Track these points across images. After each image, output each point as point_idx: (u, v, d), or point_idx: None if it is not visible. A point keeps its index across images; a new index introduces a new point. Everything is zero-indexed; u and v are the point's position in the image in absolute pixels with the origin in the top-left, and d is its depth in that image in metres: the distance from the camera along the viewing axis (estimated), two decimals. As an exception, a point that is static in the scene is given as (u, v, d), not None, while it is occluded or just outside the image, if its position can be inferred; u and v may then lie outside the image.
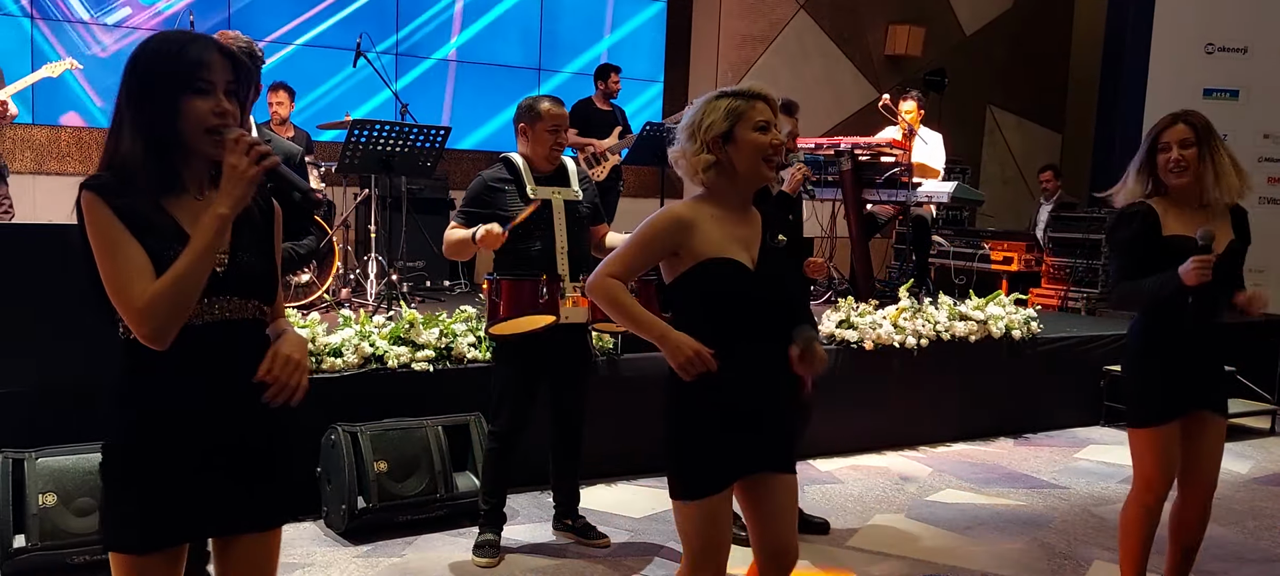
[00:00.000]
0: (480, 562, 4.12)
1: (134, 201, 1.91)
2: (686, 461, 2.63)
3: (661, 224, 2.62)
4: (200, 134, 1.95)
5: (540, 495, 4.80)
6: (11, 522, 3.82)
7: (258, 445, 2.05)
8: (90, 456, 3.93)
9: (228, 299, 2.00)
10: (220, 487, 2.00)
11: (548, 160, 4.16)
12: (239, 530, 2.07)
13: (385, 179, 6.70)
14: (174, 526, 1.99)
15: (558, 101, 4.19)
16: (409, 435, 4.55)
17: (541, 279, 3.93)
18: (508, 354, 4.13)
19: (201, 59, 1.94)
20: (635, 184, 9.79)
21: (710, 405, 2.59)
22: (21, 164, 7.79)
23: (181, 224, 1.96)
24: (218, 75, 1.95)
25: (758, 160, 2.60)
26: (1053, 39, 13.27)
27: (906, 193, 7.65)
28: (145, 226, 1.91)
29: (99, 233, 1.90)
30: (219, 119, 1.94)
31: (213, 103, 1.94)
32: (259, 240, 2.08)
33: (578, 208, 4.20)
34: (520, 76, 10.08)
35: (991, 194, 12.14)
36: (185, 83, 1.93)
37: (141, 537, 1.96)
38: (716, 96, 2.64)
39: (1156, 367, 3.38)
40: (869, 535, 4.71)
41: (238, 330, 2.01)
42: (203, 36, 2.01)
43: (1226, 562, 4.50)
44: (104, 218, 1.90)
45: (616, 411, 5.16)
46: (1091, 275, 8.81)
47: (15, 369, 4.03)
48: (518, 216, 4.01)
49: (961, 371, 6.51)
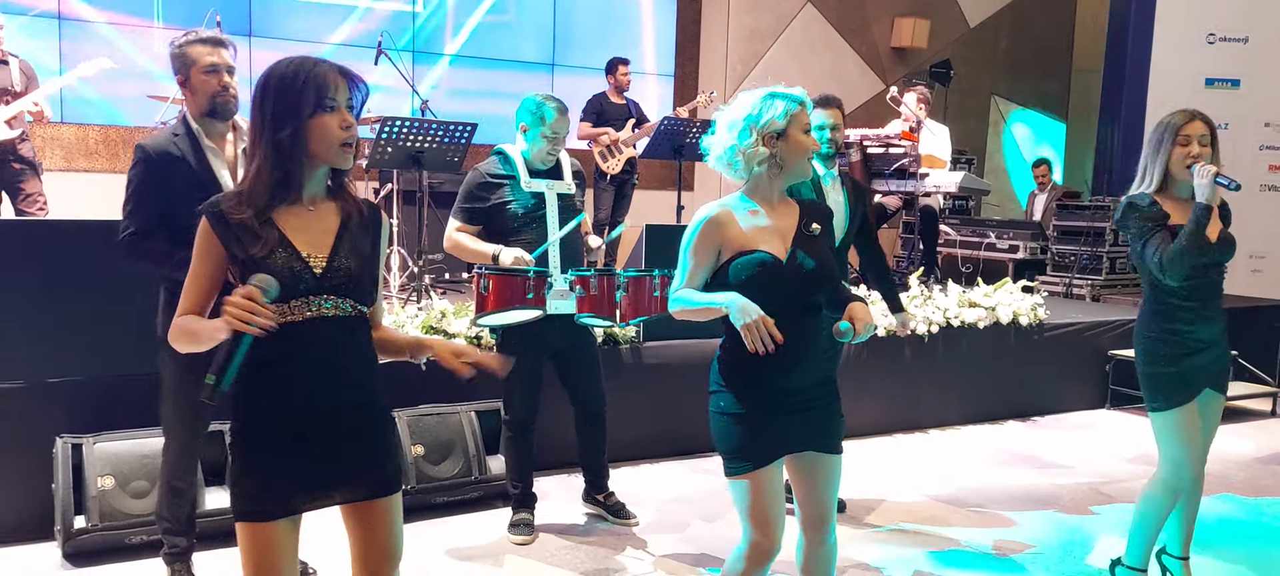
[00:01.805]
0: (516, 540, 4.34)
1: (245, 217, 2.18)
2: (734, 437, 2.82)
3: (700, 230, 2.82)
4: (332, 147, 2.21)
5: (569, 477, 5.00)
6: (73, 504, 4.02)
7: (355, 427, 2.29)
8: (144, 441, 4.14)
9: (324, 298, 2.23)
10: (326, 463, 2.26)
11: (544, 159, 4.33)
12: (355, 498, 2.32)
13: (407, 174, 6.90)
14: (288, 497, 2.24)
15: (563, 111, 4.33)
16: (444, 420, 4.75)
17: (528, 276, 4.06)
18: (511, 344, 4.28)
19: (327, 79, 2.19)
20: (649, 177, 9.96)
21: (757, 384, 2.79)
22: (52, 161, 7.98)
23: (286, 232, 2.22)
24: (341, 94, 2.20)
25: (805, 159, 2.82)
26: (1056, 29, 13.43)
27: (915, 183, 7.83)
28: (252, 238, 2.19)
29: (195, 251, 2.25)
30: (347, 131, 2.20)
31: (339, 118, 2.20)
32: (358, 247, 2.30)
33: (570, 200, 4.38)
34: (534, 71, 10.27)
35: (997, 184, 12.34)
36: (316, 103, 2.17)
37: (260, 508, 2.22)
38: (768, 95, 2.83)
39: (1177, 353, 3.53)
40: (885, 512, 4.91)
41: (335, 326, 2.23)
42: (325, 61, 2.24)
43: (1231, 537, 4.70)
44: (201, 241, 2.23)
45: (642, 397, 5.36)
46: (1096, 262, 9.00)
47: (73, 359, 4.22)
48: (561, 233, 4.19)
49: (971, 357, 6.70)
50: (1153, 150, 3.54)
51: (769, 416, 2.79)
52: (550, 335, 4.26)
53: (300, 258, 2.21)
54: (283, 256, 2.19)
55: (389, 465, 2.38)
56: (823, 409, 2.89)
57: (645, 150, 8.17)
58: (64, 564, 3.97)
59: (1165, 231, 3.44)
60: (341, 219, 2.30)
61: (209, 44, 3.43)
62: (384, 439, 2.37)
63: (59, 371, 4.23)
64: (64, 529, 3.98)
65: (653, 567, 4.16)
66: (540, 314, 4.10)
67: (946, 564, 4.29)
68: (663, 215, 8.78)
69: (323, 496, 2.30)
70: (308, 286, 2.21)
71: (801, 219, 2.87)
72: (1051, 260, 9.40)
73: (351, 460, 2.30)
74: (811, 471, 2.89)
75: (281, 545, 2.24)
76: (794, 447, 2.85)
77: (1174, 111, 3.56)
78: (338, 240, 2.27)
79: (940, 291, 6.93)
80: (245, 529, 2.23)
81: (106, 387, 4.25)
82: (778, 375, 2.79)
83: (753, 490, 2.80)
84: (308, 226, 2.25)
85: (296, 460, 2.23)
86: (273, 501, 2.23)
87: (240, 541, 2.25)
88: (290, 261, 2.20)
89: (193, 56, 3.40)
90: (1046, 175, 11.07)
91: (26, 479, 4.14)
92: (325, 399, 2.24)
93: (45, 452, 4.11)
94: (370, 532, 2.35)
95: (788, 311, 2.74)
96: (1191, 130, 3.47)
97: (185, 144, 3.41)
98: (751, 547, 2.84)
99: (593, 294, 4.17)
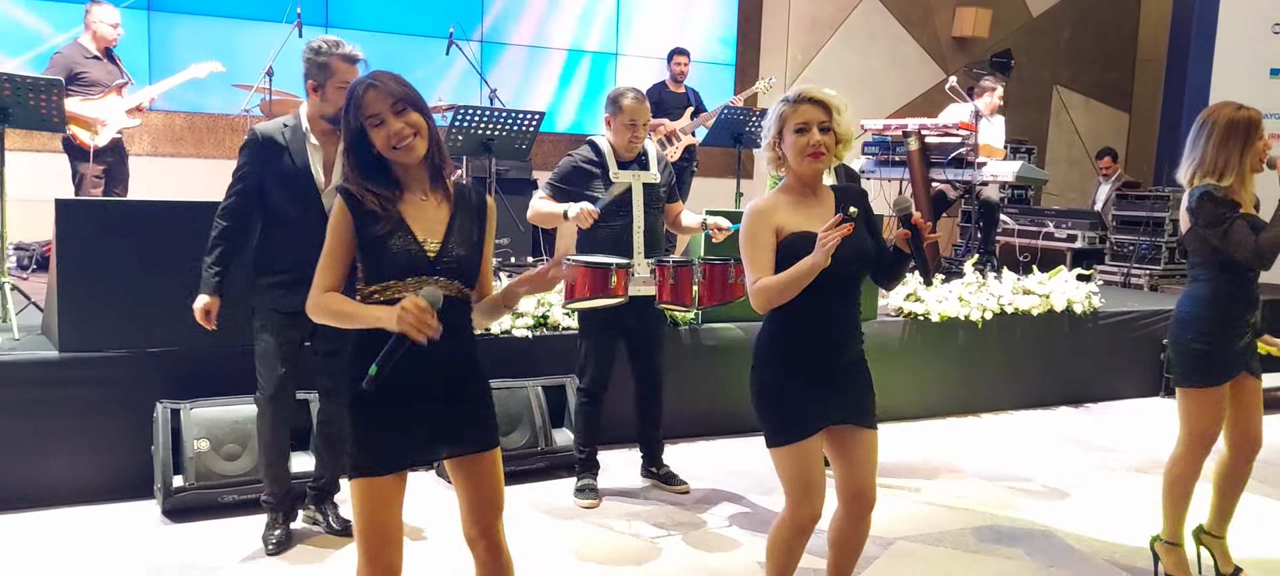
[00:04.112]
0: (583, 504, 4.63)
1: (373, 202, 2.47)
2: (776, 410, 3.02)
3: (752, 223, 3.02)
4: (389, 152, 2.49)
5: (628, 451, 5.23)
6: (171, 465, 4.34)
7: (457, 391, 2.56)
8: (235, 408, 4.45)
9: (435, 280, 2.49)
10: (435, 423, 2.53)
11: (628, 148, 4.59)
12: (461, 453, 2.59)
13: (476, 160, 7.17)
14: (396, 455, 2.50)
15: (640, 97, 4.64)
16: (513, 394, 5.02)
17: (612, 267, 4.34)
18: (590, 322, 4.63)
19: (364, 99, 2.47)
20: (709, 165, 10.14)
21: (797, 360, 2.99)
22: (140, 147, 8.39)
23: (406, 219, 2.50)
24: (383, 107, 2.46)
25: (800, 156, 2.98)
26: (1120, 19, 13.36)
27: (972, 172, 7.94)
28: (376, 220, 2.46)
29: (329, 228, 2.51)
30: (396, 138, 2.47)
31: (385, 132, 2.47)
32: (467, 235, 2.58)
33: (656, 190, 4.63)
34: (595, 60, 10.51)
35: (1057, 174, 12.33)
36: (365, 119, 2.47)
37: (376, 462, 2.48)
38: (779, 101, 3.05)
39: (1230, 331, 3.69)
40: (935, 488, 5.08)
41: (444, 305, 2.45)
42: (365, 79, 2.51)
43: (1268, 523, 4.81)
44: (336, 219, 2.49)
45: (698, 377, 5.59)
46: (1155, 253, 9.02)
47: (171, 330, 4.52)
48: (605, 198, 4.48)
49: (1024, 344, 6.81)
50: (1224, 143, 3.62)
51: (809, 390, 2.98)
52: (629, 316, 4.55)
53: (417, 241, 2.49)
54: (401, 239, 2.47)
55: (489, 423, 2.65)
56: (858, 385, 3.07)
57: (705, 138, 8.36)
58: (163, 520, 4.29)
59: (1243, 220, 3.59)
60: (452, 208, 2.57)
61: (349, 60, 3.76)
62: (484, 400, 2.64)
63: (158, 342, 4.55)
64: (164, 487, 4.29)
65: (712, 530, 4.41)
66: (623, 301, 4.39)
67: (992, 539, 4.46)
68: (722, 202, 8.96)
69: (429, 452, 2.59)
70: (422, 267, 2.48)
71: (839, 204, 3.06)
72: (1110, 249, 9.44)
73: (454, 421, 2.56)
74: (850, 446, 3.06)
75: (391, 497, 2.50)
76: (833, 420, 3.02)
77: (1235, 105, 3.66)
78: (449, 227, 2.55)
79: (996, 279, 7.05)
80: (360, 484, 2.48)
81: (201, 357, 4.56)
82: (817, 350, 2.99)
83: (795, 459, 2.98)
84: (424, 214, 2.53)
85: (406, 422, 2.49)
86: (384, 458, 2.48)
87: (355, 496, 2.50)
88: (407, 244, 2.47)
89: (334, 69, 3.74)
90: (1110, 166, 11.07)
91: (129, 441, 4.46)
92: (431, 366, 2.47)
93: (146, 417, 4.43)
94: (478, 482, 2.61)
95: (825, 289, 2.92)
96: (1264, 126, 3.65)
97: (291, 136, 3.80)
98: (793, 515, 3.03)
99: (671, 283, 4.45)
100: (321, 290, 2.51)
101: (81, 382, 4.43)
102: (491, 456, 2.62)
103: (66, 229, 4.46)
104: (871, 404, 3.10)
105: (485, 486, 2.62)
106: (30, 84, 5.29)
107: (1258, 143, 3.62)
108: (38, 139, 7.56)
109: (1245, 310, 3.71)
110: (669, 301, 4.49)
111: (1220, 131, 3.63)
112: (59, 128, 5.62)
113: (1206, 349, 3.71)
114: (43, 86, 5.33)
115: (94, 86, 6.79)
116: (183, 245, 4.40)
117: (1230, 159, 3.61)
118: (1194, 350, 3.73)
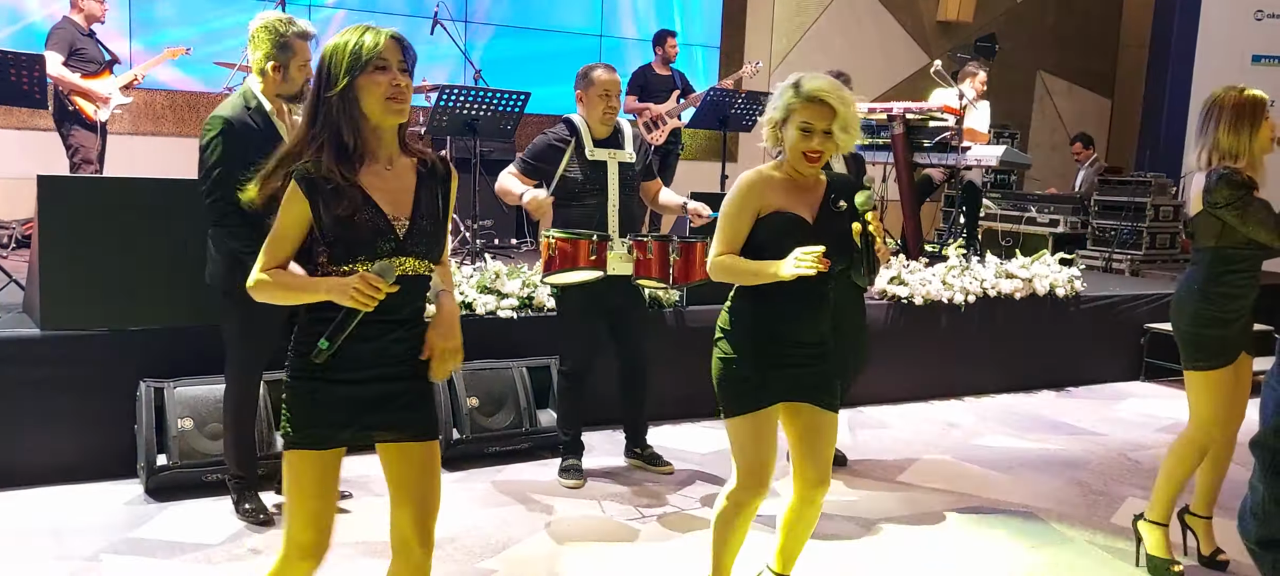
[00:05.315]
0: (567, 484, 4.64)
1: (330, 180, 2.33)
2: (732, 381, 3.03)
3: (739, 192, 3.02)
4: (379, 103, 2.36)
5: (613, 432, 5.24)
6: (155, 444, 4.32)
7: (406, 375, 2.47)
8: (219, 387, 4.40)
9: (404, 260, 2.38)
10: (375, 403, 2.43)
11: (603, 123, 4.58)
12: (399, 438, 2.48)
13: (461, 141, 7.14)
14: (334, 432, 2.42)
15: (610, 69, 4.64)
16: (497, 374, 5.02)
17: (592, 239, 4.35)
18: (570, 301, 4.62)
19: (379, 43, 2.36)
20: (695, 147, 10.13)
21: (760, 334, 3.00)
22: (120, 125, 8.30)
23: (368, 191, 2.37)
24: (392, 56, 2.37)
25: (798, 154, 2.97)
26: (1103, 5, 13.40)
27: (956, 156, 7.96)
28: (336, 198, 2.33)
29: (281, 208, 2.37)
30: (393, 87, 2.35)
31: (390, 77, 2.36)
32: (433, 207, 2.48)
33: (630, 169, 4.61)
34: (582, 42, 10.47)
35: (1040, 159, 12.37)
36: (366, 62, 2.34)
37: (309, 439, 2.40)
38: (791, 83, 3.00)
39: (1231, 317, 3.74)
40: (918, 470, 5.11)
41: (408, 282, 2.41)
42: (375, 27, 2.41)
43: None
44: (288, 200, 2.35)
45: (682, 358, 5.59)
46: (1136, 237, 9.08)
47: (153, 309, 4.51)
48: (551, 182, 4.51)
49: (1007, 327, 6.85)
50: (1234, 126, 3.66)
51: (768, 365, 2.99)
52: (608, 295, 4.54)
53: (384, 217, 2.37)
54: (367, 216, 2.35)
55: (432, 413, 2.55)
56: (821, 367, 3.05)
57: (691, 121, 8.35)
58: (146, 498, 4.28)
59: (1260, 203, 3.63)
60: (417, 175, 2.46)
61: (305, 37, 3.82)
62: (425, 390, 2.52)
63: (141, 320, 4.52)
64: (147, 466, 4.28)
65: (697, 505, 4.46)
66: (601, 275, 4.39)
67: (972, 519, 4.49)
68: (707, 184, 8.95)
69: (365, 432, 2.45)
70: (391, 247, 2.37)
71: (829, 192, 3.06)
72: (1092, 234, 9.49)
73: (396, 403, 2.45)
74: (809, 428, 3.06)
75: (327, 470, 2.44)
76: (790, 396, 3.02)
77: (1239, 89, 3.71)
78: (416, 199, 2.44)
79: (979, 263, 7.08)
80: (294, 456, 2.41)
81: (184, 336, 4.54)
82: (782, 326, 2.99)
83: (747, 433, 2.99)
84: (387, 185, 2.40)
85: (345, 399, 2.39)
86: (320, 434, 2.40)
87: (287, 468, 2.44)
88: (374, 220, 2.36)
89: (296, 48, 3.78)
90: (1082, 152, 11.08)
91: (112, 420, 4.44)
92: (383, 346, 2.40)
93: (128, 396, 4.41)
94: (417, 476, 2.48)
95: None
96: (1272, 112, 3.70)
97: (262, 120, 3.82)
98: (740, 489, 3.05)
99: (648, 258, 4.43)
100: (264, 268, 2.38)
101: (63, 361, 4.40)
102: (432, 448, 2.52)
103: (49, 206, 4.41)
104: (834, 387, 3.09)
105: (426, 480, 2.49)
106: (11, 59, 5.24)
107: (1266, 122, 3.68)
108: (17, 115, 7.49)
109: (1248, 291, 3.76)
110: (645, 276, 4.48)
111: (1230, 115, 3.68)
112: (40, 103, 5.57)
113: (1220, 333, 3.76)
114: (25, 61, 5.28)
115: (91, 63, 6.78)
116: (166, 223, 4.38)
117: (1242, 141, 3.67)
118: (1195, 333, 3.78)
